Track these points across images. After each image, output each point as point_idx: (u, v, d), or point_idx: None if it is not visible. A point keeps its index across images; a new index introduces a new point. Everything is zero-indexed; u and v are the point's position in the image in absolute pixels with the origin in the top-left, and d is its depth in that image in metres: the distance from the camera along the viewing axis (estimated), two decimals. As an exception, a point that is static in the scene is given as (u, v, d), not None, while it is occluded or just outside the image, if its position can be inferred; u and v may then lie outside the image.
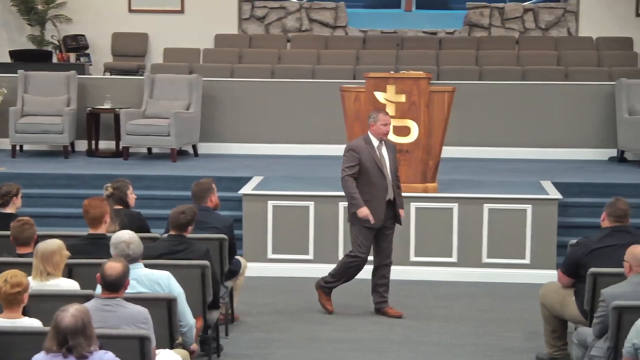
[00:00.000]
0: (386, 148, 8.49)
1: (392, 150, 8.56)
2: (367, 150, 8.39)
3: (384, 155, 8.44)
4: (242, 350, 7.73)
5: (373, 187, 8.37)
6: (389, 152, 8.50)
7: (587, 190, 10.91)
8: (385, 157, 8.44)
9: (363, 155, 8.37)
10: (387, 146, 8.52)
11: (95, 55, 16.14)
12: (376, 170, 8.36)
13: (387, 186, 8.39)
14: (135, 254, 6.09)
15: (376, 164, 8.36)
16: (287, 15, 16.42)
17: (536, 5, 16.29)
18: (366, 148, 8.40)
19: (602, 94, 13.11)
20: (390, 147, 8.57)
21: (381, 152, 8.44)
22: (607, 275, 6.56)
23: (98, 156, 13.01)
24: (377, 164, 8.36)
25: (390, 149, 8.55)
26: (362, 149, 8.40)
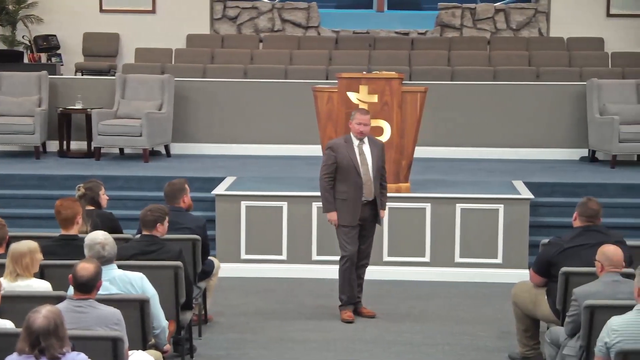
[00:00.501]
0: (370, 147, 8.43)
1: (377, 149, 8.47)
2: (345, 148, 8.36)
3: (366, 154, 8.37)
4: (215, 351, 7.72)
5: (348, 186, 8.33)
6: (373, 151, 8.42)
7: (559, 190, 10.97)
8: (367, 156, 8.37)
9: (340, 154, 8.34)
10: (371, 145, 8.45)
11: (67, 55, 16.06)
12: (352, 169, 8.30)
13: (363, 186, 8.32)
14: (110, 255, 6.07)
15: (352, 163, 8.31)
16: (259, 16, 16.41)
17: (507, 5, 16.36)
18: (344, 147, 8.37)
19: (573, 94, 13.19)
20: (376, 145, 8.49)
21: (362, 150, 8.38)
22: (578, 274, 6.59)
23: (70, 157, 12.94)
24: (353, 163, 8.31)
25: (376, 147, 8.47)
26: (340, 147, 8.38)
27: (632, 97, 12.94)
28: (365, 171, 8.35)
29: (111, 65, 15.52)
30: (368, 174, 8.35)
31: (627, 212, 10.66)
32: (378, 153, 8.46)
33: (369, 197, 8.37)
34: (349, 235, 8.39)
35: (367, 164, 8.37)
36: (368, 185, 8.35)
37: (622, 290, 6.04)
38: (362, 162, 8.35)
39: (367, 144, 8.44)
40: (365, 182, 8.33)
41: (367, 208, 8.40)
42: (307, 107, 11.72)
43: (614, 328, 5.36)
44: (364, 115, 8.47)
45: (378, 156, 8.45)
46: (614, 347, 5.31)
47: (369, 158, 8.39)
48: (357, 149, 8.38)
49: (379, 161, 8.45)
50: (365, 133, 8.42)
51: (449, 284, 9.79)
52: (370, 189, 8.37)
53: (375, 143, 8.53)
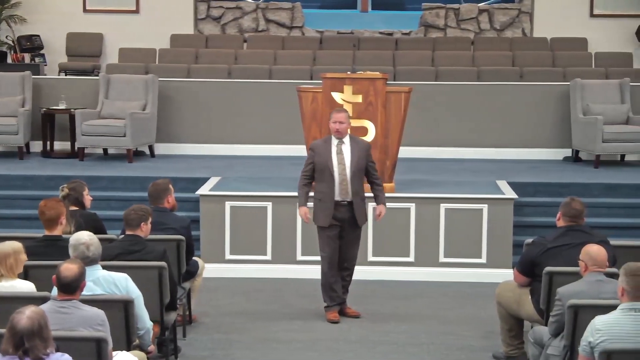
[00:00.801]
0: (351, 146, 8.35)
1: (360, 149, 8.38)
2: (323, 149, 8.35)
3: (344, 154, 8.32)
4: (200, 351, 7.71)
5: (324, 186, 8.33)
6: (353, 150, 8.34)
7: (542, 189, 11.00)
8: (345, 155, 8.32)
9: (318, 154, 8.34)
10: (352, 144, 8.37)
11: (50, 55, 16.01)
12: (326, 169, 8.29)
13: (336, 187, 8.29)
14: (94, 255, 6.05)
15: (327, 163, 8.29)
16: (243, 16, 16.40)
17: (491, 6, 16.39)
18: (323, 147, 8.37)
19: (556, 94, 13.23)
20: (358, 145, 8.41)
21: (340, 151, 8.33)
22: (562, 274, 6.61)
23: (53, 157, 12.91)
24: (327, 164, 8.28)
25: (358, 147, 8.38)
26: (318, 147, 8.39)
27: (615, 97, 12.99)
28: (341, 171, 8.29)
29: (95, 65, 15.48)
30: (344, 174, 8.30)
31: (611, 212, 10.70)
32: (360, 153, 8.35)
33: (345, 197, 8.32)
34: (326, 236, 8.40)
35: (344, 163, 8.31)
36: (343, 186, 8.30)
37: (605, 289, 6.06)
38: (339, 162, 8.31)
39: (347, 143, 8.37)
40: (339, 182, 8.29)
41: (345, 209, 8.35)
42: (292, 107, 11.72)
43: (598, 327, 5.38)
44: (339, 114, 8.42)
45: (360, 156, 8.34)
46: (597, 347, 5.32)
47: (347, 158, 8.32)
48: (336, 148, 8.34)
49: (360, 161, 8.34)
50: (342, 131, 8.33)
51: (433, 284, 9.80)
52: (346, 189, 8.31)
53: (357, 142, 8.45)
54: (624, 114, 12.78)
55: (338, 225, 8.37)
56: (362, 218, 8.46)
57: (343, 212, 8.35)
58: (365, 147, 8.46)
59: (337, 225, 8.37)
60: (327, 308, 8.53)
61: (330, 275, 8.45)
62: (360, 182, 8.39)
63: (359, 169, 8.33)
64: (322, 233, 8.43)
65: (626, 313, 5.39)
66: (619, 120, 12.70)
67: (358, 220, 8.41)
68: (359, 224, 8.48)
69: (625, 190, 10.99)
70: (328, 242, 8.40)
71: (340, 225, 8.38)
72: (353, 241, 8.49)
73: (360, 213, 8.42)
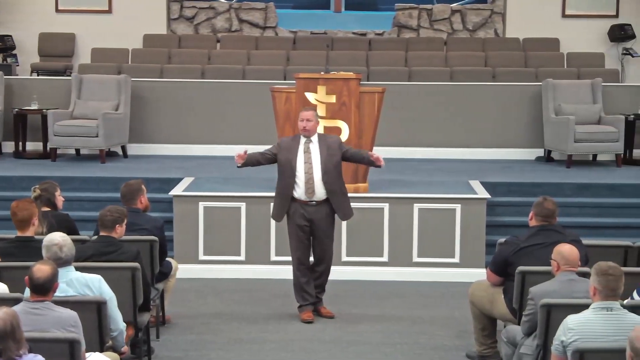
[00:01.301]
0: (319, 145, 8.30)
1: (329, 147, 8.31)
2: (289, 146, 8.33)
3: (312, 153, 8.27)
4: (174, 352, 7.69)
5: (282, 182, 8.32)
6: (322, 149, 8.28)
7: (515, 189, 11.05)
8: (313, 154, 8.27)
9: (283, 151, 8.33)
10: (321, 143, 8.32)
11: (22, 55, 15.92)
12: (288, 167, 8.25)
13: (301, 186, 8.24)
14: (67, 256, 6.02)
15: (290, 162, 8.25)
16: (216, 16, 16.37)
17: (463, 6, 16.45)
18: (290, 144, 8.35)
19: (529, 94, 13.30)
20: (326, 143, 8.34)
21: (308, 149, 8.29)
22: (535, 273, 6.64)
23: (25, 158, 12.84)
24: (290, 163, 8.24)
25: (326, 145, 8.31)
26: (285, 144, 8.40)
27: (587, 97, 13.07)
28: (308, 170, 8.23)
29: (67, 65, 15.41)
30: (310, 173, 8.24)
31: (583, 212, 10.77)
32: (330, 151, 8.29)
33: (311, 197, 8.28)
34: (295, 236, 8.39)
35: (310, 162, 8.25)
36: (309, 185, 8.25)
37: (578, 289, 6.09)
38: (306, 161, 8.26)
39: (315, 142, 8.33)
40: (305, 181, 8.24)
41: (313, 209, 8.31)
42: (265, 108, 11.71)
43: (570, 327, 5.41)
44: (306, 112, 8.38)
45: (330, 154, 8.28)
46: (570, 346, 5.35)
47: (315, 157, 8.27)
48: (303, 146, 8.29)
49: (331, 158, 8.27)
50: (310, 129, 8.28)
51: (407, 284, 9.82)
52: (312, 188, 8.25)
53: (325, 141, 8.37)
54: (595, 114, 12.86)
55: (307, 226, 8.34)
56: (345, 213, 8.44)
57: (311, 212, 8.30)
58: (335, 143, 8.40)
59: (306, 226, 8.34)
60: (300, 308, 8.54)
61: (300, 276, 8.47)
62: (337, 179, 8.34)
63: (331, 167, 8.27)
64: (292, 234, 8.42)
65: (598, 312, 5.43)
66: (591, 120, 12.78)
67: (340, 216, 8.41)
68: (344, 220, 8.55)
69: (597, 190, 11.06)
70: (297, 243, 8.39)
71: (309, 226, 8.35)
72: (325, 240, 8.44)
73: (343, 209, 8.39)
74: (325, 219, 8.37)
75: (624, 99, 13.34)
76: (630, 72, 15.45)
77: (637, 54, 15.25)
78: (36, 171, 11.57)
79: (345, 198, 8.43)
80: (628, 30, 15.40)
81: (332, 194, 8.31)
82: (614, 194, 11.04)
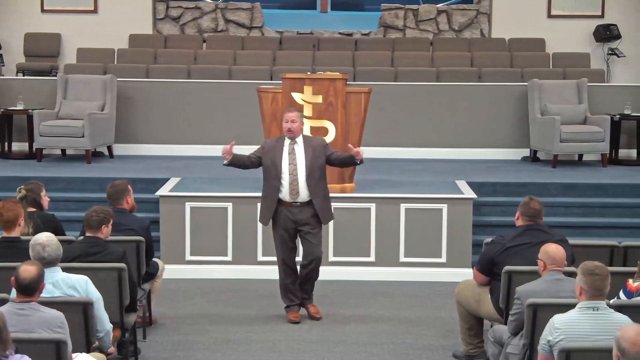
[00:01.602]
0: (304, 147, 8.25)
1: (314, 148, 8.26)
2: (273, 148, 8.27)
3: (296, 154, 8.23)
4: (160, 353, 7.68)
5: (267, 185, 8.27)
6: (307, 151, 8.23)
7: (501, 189, 11.07)
8: (298, 156, 8.22)
9: (267, 153, 8.27)
10: (306, 145, 8.27)
11: (8, 55, 15.85)
12: (272, 170, 8.20)
13: (285, 187, 8.19)
14: (52, 257, 6.00)
15: (274, 164, 8.20)
16: (202, 16, 16.34)
17: (449, 7, 16.46)
18: (274, 146, 8.29)
19: (514, 94, 13.34)
20: (311, 145, 8.29)
21: (292, 151, 8.24)
22: (521, 273, 6.65)
23: (11, 158, 12.81)
24: (275, 165, 8.19)
25: (311, 147, 8.26)
26: (269, 145, 8.33)
27: (573, 97, 13.11)
28: (292, 171, 8.18)
29: (53, 65, 15.35)
30: (295, 174, 8.19)
31: (568, 212, 10.81)
32: (314, 152, 8.24)
33: (295, 198, 8.23)
34: (279, 237, 8.37)
35: (295, 164, 8.20)
36: (294, 186, 8.20)
37: (564, 288, 6.11)
38: (290, 162, 8.21)
39: (300, 144, 8.28)
40: (290, 182, 8.19)
41: (297, 210, 8.28)
42: (252, 108, 11.71)
43: (557, 326, 5.42)
44: (291, 113, 8.30)
45: (314, 156, 8.23)
46: (556, 345, 5.36)
47: (300, 159, 8.22)
48: (287, 148, 8.24)
49: (315, 160, 8.22)
50: (295, 130, 8.22)
51: (393, 284, 9.83)
52: (296, 190, 8.20)
53: (310, 142, 8.33)
54: (581, 114, 12.90)
55: (292, 228, 8.32)
56: (325, 217, 8.38)
57: (295, 213, 8.27)
58: (320, 145, 8.33)
59: (292, 228, 8.32)
60: (287, 308, 8.55)
61: (285, 277, 8.47)
62: (320, 181, 8.29)
63: (315, 168, 8.22)
64: (276, 235, 8.38)
65: (584, 312, 5.44)
66: (577, 120, 12.82)
67: (322, 219, 8.33)
68: (324, 223, 8.41)
69: (583, 190, 11.10)
70: (282, 245, 8.37)
71: (295, 228, 8.31)
72: (312, 239, 8.33)
73: (324, 212, 8.33)
74: (311, 219, 8.30)
75: (609, 99, 13.39)
76: (615, 72, 15.49)
77: (623, 54, 15.30)
78: (22, 171, 11.53)
79: (327, 201, 8.39)
80: (613, 30, 15.44)
81: (315, 196, 8.26)
82: (599, 193, 11.07)
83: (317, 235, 8.39)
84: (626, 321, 5.36)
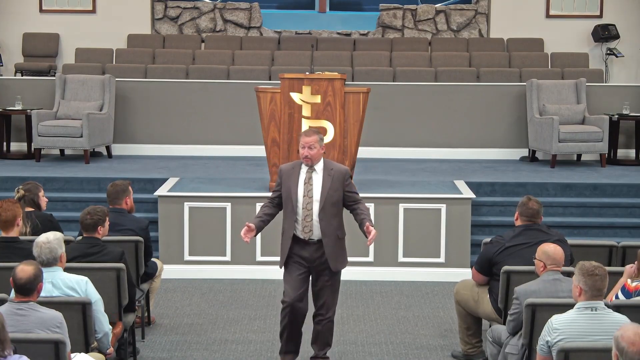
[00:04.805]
0: (323, 175, 6.96)
1: (335, 178, 6.95)
2: (290, 176, 7.01)
3: (313, 184, 6.95)
4: (159, 353, 7.68)
5: (286, 220, 7.03)
6: (325, 180, 6.94)
7: (499, 189, 11.07)
8: (315, 187, 6.94)
9: (285, 181, 7.01)
10: (325, 173, 6.97)
11: (6, 55, 15.85)
12: (289, 201, 6.94)
13: (298, 221, 6.95)
14: (49, 258, 6.00)
15: (290, 194, 6.95)
16: (200, 16, 16.34)
17: (447, 7, 16.47)
18: (290, 173, 7.02)
19: (513, 94, 13.34)
20: (330, 174, 6.97)
21: (309, 180, 6.96)
22: (520, 273, 6.67)
23: (9, 158, 12.80)
24: (291, 195, 6.94)
25: (331, 176, 6.95)
26: (286, 173, 7.04)
27: (571, 97, 13.11)
28: (306, 204, 6.92)
29: (51, 65, 15.36)
30: (309, 208, 6.92)
31: (567, 212, 10.81)
32: (334, 183, 6.94)
33: (308, 235, 6.95)
34: (288, 276, 7.06)
35: (310, 196, 6.93)
36: (307, 222, 6.92)
37: (562, 288, 6.11)
38: (305, 193, 6.94)
39: (319, 172, 6.98)
40: (303, 217, 6.92)
41: (313, 249, 6.97)
42: (250, 108, 11.71)
43: (555, 326, 5.42)
44: (309, 137, 6.97)
45: (333, 187, 6.93)
46: (555, 346, 5.37)
47: (316, 189, 6.95)
48: (305, 176, 6.97)
49: (333, 192, 6.93)
50: (313, 157, 6.94)
51: (392, 284, 9.83)
52: (310, 225, 6.93)
53: (330, 171, 6.97)
54: (579, 114, 12.90)
55: (304, 266, 7.00)
56: (335, 262, 7.04)
57: (311, 251, 6.97)
58: (342, 175, 7.01)
59: (303, 266, 7.00)
60: (280, 354, 7.31)
61: (290, 324, 7.11)
62: (335, 218, 7.00)
63: (331, 202, 6.94)
64: (285, 273, 7.09)
65: (582, 312, 5.44)
66: (575, 120, 12.83)
67: (331, 265, 7.01)
68: (332, 269, 7.03)
69: (581, 190, 11.10)
70: (291, 283, 7.01)
71: (308, 267, 7.02)
72: (326, 287, 7.10)
73: (334, 256, 7.01)
74: (324, 261, 7.02)
75: (608, 99, 13.40)
76: (614, 72, 15.50)
77: (621, 54, 15.31)
78: (20, 171, 11.53)
79: (341, 244, 7.08)
80: (612, 30, 15.45)
81: (326, 235, 6.96)
82: (598, 193, 11.08)
83: (334, 283, 7.15)
84: (625, 321, 5.37)
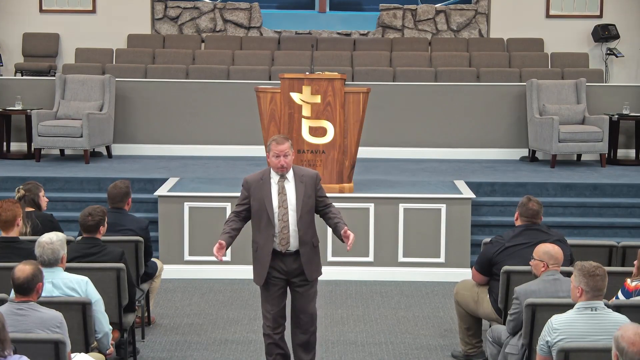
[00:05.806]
0: (295, 183, 6.59)
1: (307, 184, 6.61)
2: (259, 188, 6.57)
3: (287, 193, 6.56)
4: (158, 353, 7.68)
5: (260, 235, 6.59)
6: (298, 188, 6.58)
7: (499, 189, 11.07)
8: (289, 197, 6.56)
9: (253, 194, 6.59)
10: (297, 180, 6.60)
11: (6, 55, 15.86)
12: (264, 213, 6.54)
13: (275, 235, 6.54)
14: (50, 259, 6.00)
15: (264, 206, 6.54)
16: (200, 16, 16.34)
17: (447, 7, 16.47)
18: (259, 185, 6.57)
19: (513, 94, 13.34)
20: (302, 180, 6.61)
21: (283, 190, 6.55)
22: (520, 273, 6.66)
23: (9, 158, 12.80)
24: (266, 207, 6.53)
25: (303, 183, 6.60)
26: (253, 184, 6.61)
27: (571, 97, 13.11)
28: (282, 216, 6.53)
29: (51, 65, 15.36)
30: (286, 220, 6.53)
31: (567, 212, 10.81)
32: (307, 190, 6.59)
33: (285, 247, 6.58)
34: (266, 292, 6.72)
35: (286, 207, 6.54)
36: (284, 234, 6.54)
37: (562, 288, 6.11)
38: (280, 204, 6.54)
39: (291, 180, 6.60)
40: (280, 229, 6.53)
41: (290, 260, 6.62)
42: (250, 108, 11.71)
43: (555, 327, 5.42)
44: (281, 145, 6.53)
45: (307, 194, 6.58)
46: (555, 346, 5.36)
47: (291, 198, 6.57)
48: (277, 186, 6.56)
49: (308, 200, 6.58)
50: (287, 166, 6.56)
51: (392, 284, 9.83)
52: (287, 238, 6.55)
53: (302, 177, 6.61)
54: (579, 114, 12.90)
55: (283, 279, 6.66)
56: (312, 271, 6.69)
57: (288, 263, 6.62)
58: (313, 180, 6.65)
59: (282, 279, 6.66)
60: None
61: (271, 347, 6.83)
62: (311, 226, 6.66)
63: (307, 210, 6.60)
64: (263, 289, 6.75)
65: (582, 312, 5.44)
66: (575, 120, 12.83)
67: (307, 274, 6.65)
68: (308, 279, 6.68)
69: (581, 190, 11.10)
70: (270, 300, 6.70)
71: (286, 279, 6.68)
72: (306, 297, 6.74)
73: (311, 265, 6.67)
74: (302, 272, 6.69)
75: (608, 99, 13.40)
76: (614, 72, 15.50)
77: (621, 54, 15.31)
78: (20, 171, 11.53)
79: (316, 252, 6.72)
80: (612, 30, 15.45)
81: (303, 245, 6.61)
82: (597, 193, 11.08)
83: (312, 293, 6.80)
84: (625, 321, 5.37)
